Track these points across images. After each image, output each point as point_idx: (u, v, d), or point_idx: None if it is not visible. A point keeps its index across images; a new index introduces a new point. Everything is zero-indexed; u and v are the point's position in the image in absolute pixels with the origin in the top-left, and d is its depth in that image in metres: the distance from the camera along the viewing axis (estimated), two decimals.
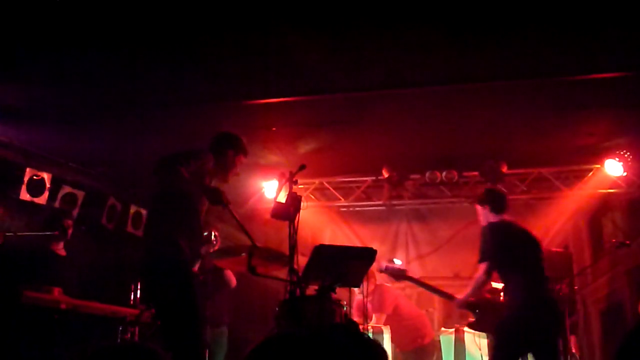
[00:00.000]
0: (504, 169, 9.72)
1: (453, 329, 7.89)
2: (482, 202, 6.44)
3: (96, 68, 6.86)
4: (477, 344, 7.42)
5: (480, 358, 7.30)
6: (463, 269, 9.84)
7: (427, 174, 10.08)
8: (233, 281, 8.03)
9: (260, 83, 7.23)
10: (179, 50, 6.58)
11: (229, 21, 6.06)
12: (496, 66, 6.82)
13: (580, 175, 9.99)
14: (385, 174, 10.19)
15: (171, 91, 7.43)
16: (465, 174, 10.17)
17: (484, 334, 7.40)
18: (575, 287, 8.26)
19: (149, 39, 6.32)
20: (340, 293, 5.74)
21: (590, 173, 9.86)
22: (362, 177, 10.73)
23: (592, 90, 7.27)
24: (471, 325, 6.73)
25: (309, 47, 6.39)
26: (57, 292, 6.29)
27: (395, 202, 10.76)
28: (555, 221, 10.10)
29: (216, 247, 7.48)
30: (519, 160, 9.72)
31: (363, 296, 8.39)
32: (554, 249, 9.28)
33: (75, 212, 8.70)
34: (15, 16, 5.79)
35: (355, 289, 8.24)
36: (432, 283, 9.81)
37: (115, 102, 7.55)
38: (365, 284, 7.84)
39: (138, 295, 7.55)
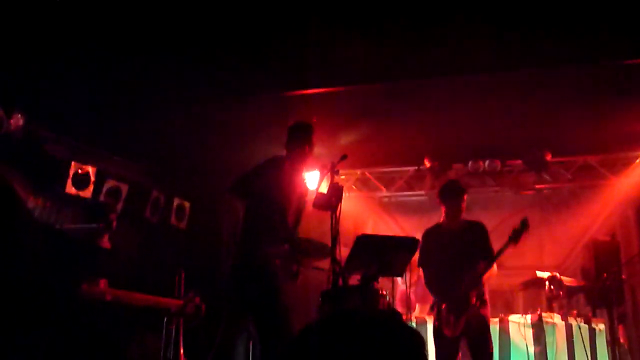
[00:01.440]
0: (549, 157, 9.61)
1: (497, 319, 7.79)
2: None
3: (139, 63, 6.97)
4: (522, 334, 7.42)
5: (526, 349, 7.24)
6: (507, 260, 9.73)
7: (470, 163, 10.05)
8: None
9: (300, 74, 7.25)
10: (218, 43, 6.65)
11: (270, 12, 6.16)
12: (540, 52, 6.74)
13: (627, 163, 9.85)
14: (427, 164, 10.19)
15: (212, 84, 7.50)
16: (509, 162, 10.10)
17: (529, 324, 7.35)
18: (623, 277, 8.13)
19: (189, 33, 6.45)
20: (383, 283, 5.78)
21: (638, 160, 9.74)
22: (404, 167, 10.72)
23: None
24: None
25: (348, 36, 6.42)
26: (102, 283, 6.34)
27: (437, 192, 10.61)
28: (601, 210, 9.91)
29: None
30: (564, 148, 9.61)
31: (406, 286, 8.33)
32: (600, 238, 9.18)
33: (119, 206, 8.81)
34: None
35: (398, 279, 8.29)
36: None
37: (157, 95, 7.65)
38: (408, 274, 7.81)
39: (182, 287, 7.43)
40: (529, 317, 7.62)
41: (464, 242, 6.40)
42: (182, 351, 6.57)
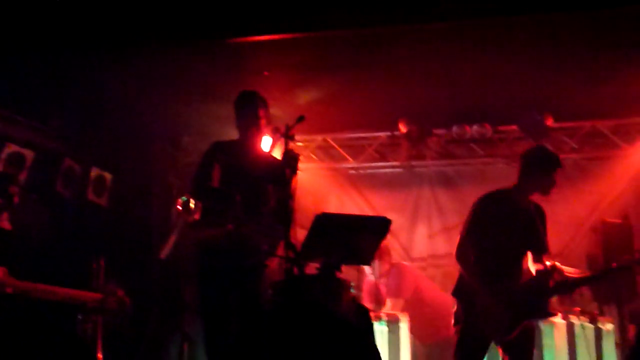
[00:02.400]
0: (550, 122, 9.66)
1: None
2: None
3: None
4: None
5: None
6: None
7: (455, 129, 10.08)
8: None
9: (250, 17, 7.23)
10: None
11: None
12: None
13: None
14: (403, 129, 10.17)
15: (142, 28, 7.44)
16: (501, 128, 10.18)
17: None
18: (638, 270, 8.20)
19: None
20: (348, 273, 5.76)
21: None
22: (374, 132, 10.68)
23: None
24: None
25: None
26: (1, 272, 6.16)
27: (415, 162, 10.71)
28: (612, 186, 9.99)
29: (196, 217, 7.54)
30: (568, 112, 9.65)
31: (375, 277, 8.43)
32: (610, 220, 9.25)
33: (22, 177, 8.69)
34: None
35: (366, 268, 8.54)
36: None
37: (72, 40, 7.56)
38: (377, 262, 8.44)
39: (101, 277, 7.20)
40: None
41: (536, 226, 6.37)
42: (100, 355, 6.52)
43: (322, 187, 10.93)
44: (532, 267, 6.23)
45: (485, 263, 6.08)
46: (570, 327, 7.82)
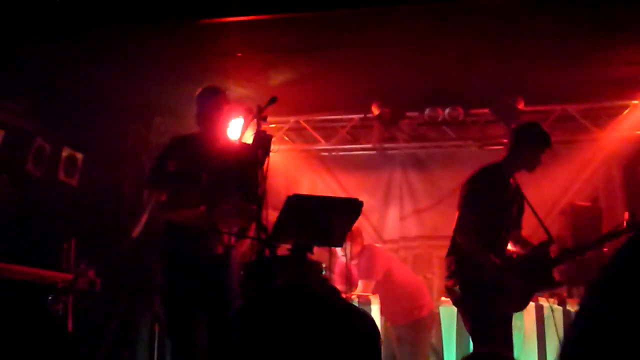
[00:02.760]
0: (521, 106, 9.71)
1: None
2: None
3: None
4: None
5: None
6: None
7: (427, 111, 10.06)
8: None
9: None
10: None
11: None
12: None
13: (613, 114, 9.94)
14: (376, 111, 10.14)
15: (113, 7, 7.41)
16: (473, 111, 10.16)
17: None
18: (605, 249, 8.27)
19: None
20: (319, 254, 5.92)
21: (627, 111, 9.82)
22: (347, 114, 10.66)
23: (632, 7, 7.14)
24: None
25: None
26: None
27: (387, 145, 10.71)
28: (582, 169, 10.04)
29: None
30: (539, 95, 9.67)
31: (347, 259, 8.48)
32: (580, 203, 9.34)
33: None
34: None
35: (338, 250, 8.48)
36: (431, 244, 9.90)
37: (44, 19, 7.52)
38: (349, 243, 8.13)
39: (72, 257, 7.68)
40: None
41: (518, 201, 6.56)
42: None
43: (294, 169, 10.95)
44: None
45: (487, 238, 6.16)
46: (539, 310, 7.89)
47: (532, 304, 7.77)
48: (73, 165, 9.93)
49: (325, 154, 11.07)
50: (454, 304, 6.44)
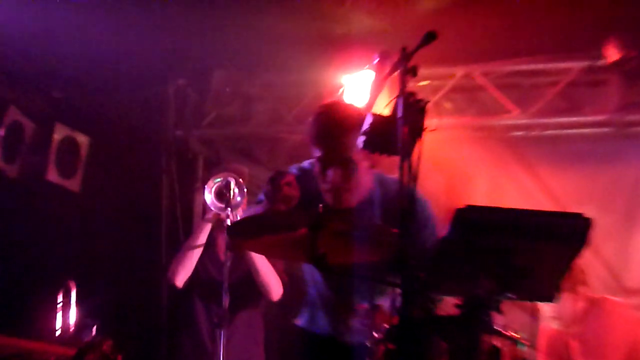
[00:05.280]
0: None
1: None
2: None
3: None
4: None
5: None
6: None
7: None
8: (276, 287, 6.30)
9: None
10: None
11: None
12: None
13: None
14: (614, 55, 7.67)
15: None
16: None
17: None
18: None
19: None
20: (513, 316, 4.11)
21: None
22: (558, 62, 8.03)
23: None
24: None
25: None
26: None
27: (633, 117, 7.93)
28: None
29: (244, 206, 5.95)
30: None
31: (562, 324, 6.90)
32: None
33: None
34: None
35: (545, 308, 6.97)
36: None
37: None
38: (566, 297, 6.75)
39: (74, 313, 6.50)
40: None
41: None
42: None
43: (462, 158, 8.43)
44: None
45: None
46: None
47: None
48: (73, 156, 8.19)
49: (519, 132, 8.42)
50: None
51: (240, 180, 6.04)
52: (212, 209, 5.80)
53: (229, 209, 5.52)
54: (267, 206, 4.65)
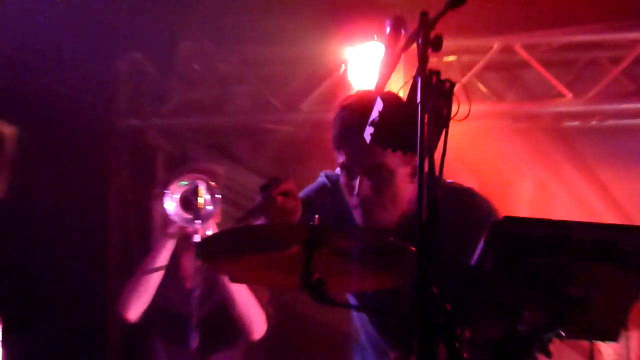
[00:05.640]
0: None
1: None
2: None
3: None
4: None
5: None
6: None
7: None
8: (258, 322, 5.70)
9: None
10: None
11: None
12: None
13: None
14: None
15: None
16: None
17: None
18: None
19: None
20: (565, 357, 5.51)
21: None
22: (624, 33, 6.98)
23: None
24: None
25: None
26: None
27: None
28: None
29: (217, 217, 5.41)
30: None
31: None
32: None
33: None
34: None
35: (606, 349, 6.58)
36: None
37: None
38: (633, 335, 6.53)
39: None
40: None
41: None
42: None
43: (499, 155, 7.48)
44: None
45: None
46: None
47: None
48: None
49: (572, 123, 7.47)
50: None
51: (213, 183, 5.32)
52: (176, 220, 5.06)
53: (198, 220, 4.88)
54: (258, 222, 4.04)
